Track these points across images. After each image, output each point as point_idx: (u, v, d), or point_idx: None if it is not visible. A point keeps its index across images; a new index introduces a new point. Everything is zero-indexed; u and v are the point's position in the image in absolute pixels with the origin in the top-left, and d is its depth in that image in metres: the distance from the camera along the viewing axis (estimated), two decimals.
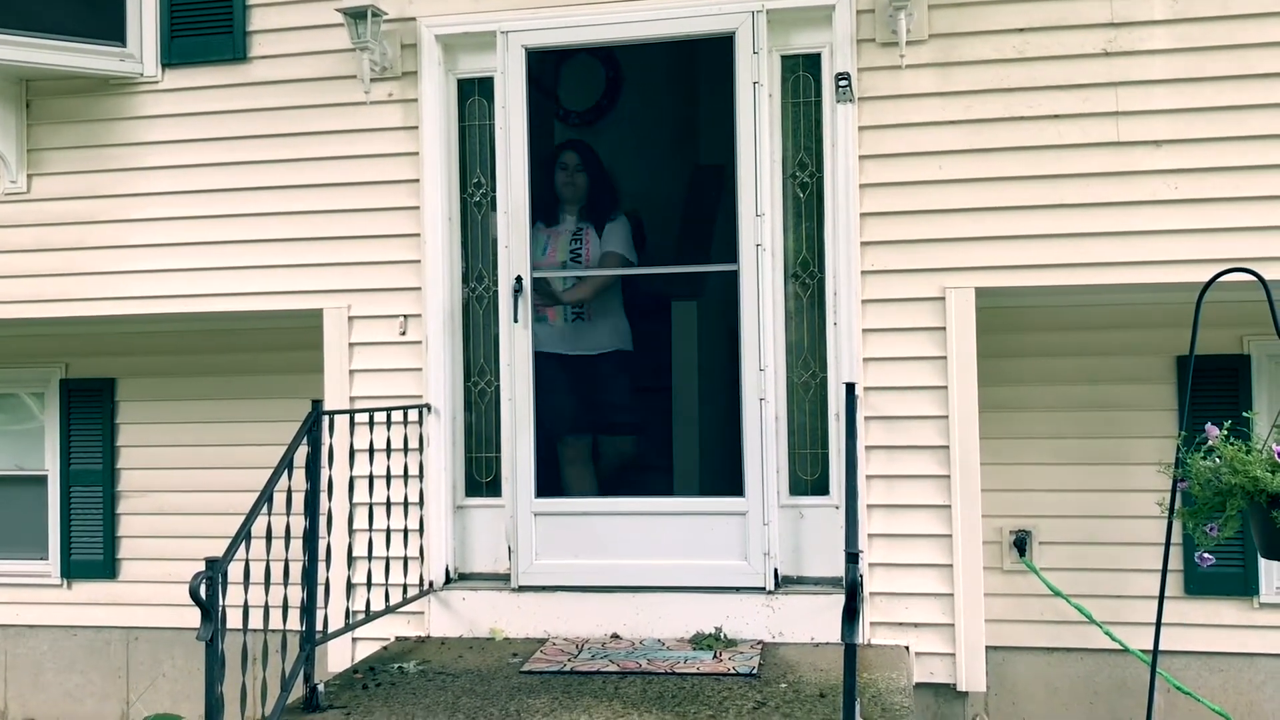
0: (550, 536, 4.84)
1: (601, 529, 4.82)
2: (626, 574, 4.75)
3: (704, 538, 4.71)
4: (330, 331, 5.12)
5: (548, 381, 5.02)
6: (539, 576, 4.81)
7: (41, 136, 5.47)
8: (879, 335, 4.66)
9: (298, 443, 4.04)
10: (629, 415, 5.59)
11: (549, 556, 4.83)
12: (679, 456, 5.69)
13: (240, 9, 5.26)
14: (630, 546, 4.78)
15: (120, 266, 5.34)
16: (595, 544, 4.82)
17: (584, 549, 4.82)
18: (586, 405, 5.43)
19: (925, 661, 4.60)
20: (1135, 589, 5.00)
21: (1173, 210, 4.48)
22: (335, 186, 5.12)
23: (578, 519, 4.86)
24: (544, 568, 4.82)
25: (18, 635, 6.19)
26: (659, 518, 4.78)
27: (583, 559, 4.80)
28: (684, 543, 4.73)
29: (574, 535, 4.83)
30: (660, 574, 4.73)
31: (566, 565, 4.81)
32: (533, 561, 4.82)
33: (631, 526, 4.80)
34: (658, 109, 7.59)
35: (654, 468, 5.67)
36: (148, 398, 6.08)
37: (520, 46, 4.80)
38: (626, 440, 5.60)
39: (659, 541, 4.76)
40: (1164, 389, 5.12)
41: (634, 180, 6.70)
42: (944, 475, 4.59)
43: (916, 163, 4.65)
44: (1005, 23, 4.60)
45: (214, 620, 3.43)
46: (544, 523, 4.85)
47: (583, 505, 4.96)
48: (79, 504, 6.11)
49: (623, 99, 7.74)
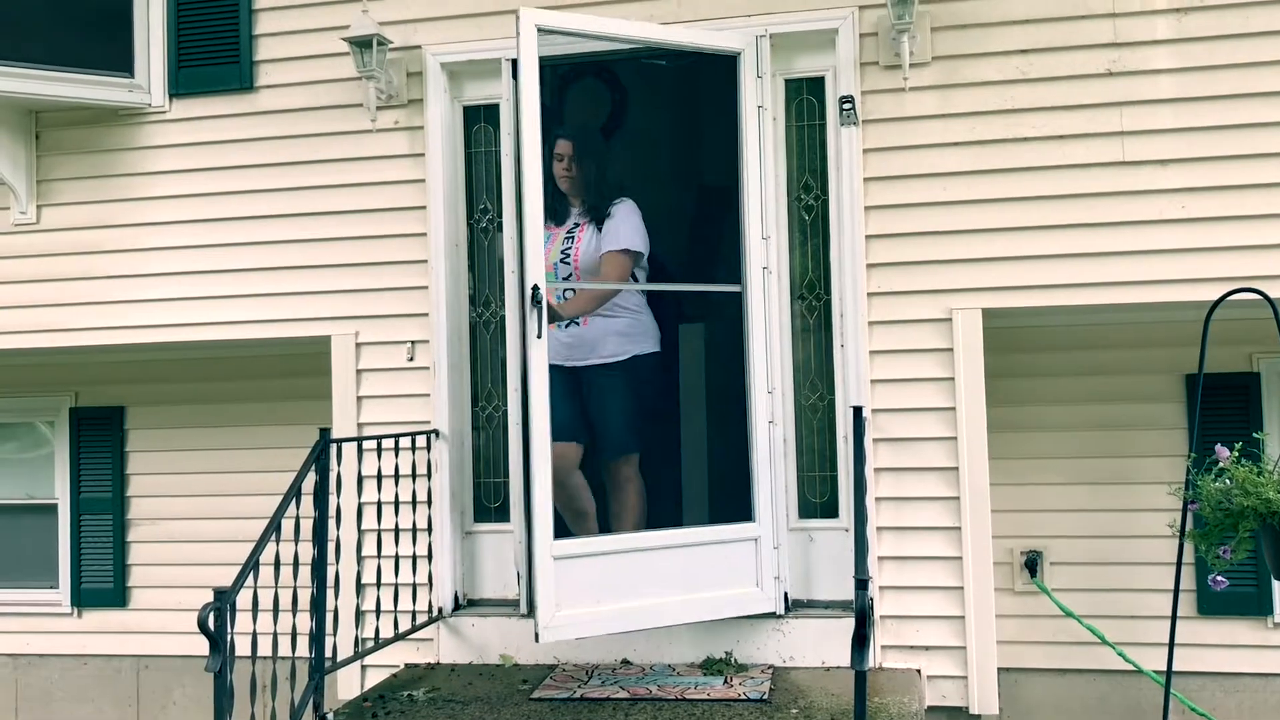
0: (571, 581, 4.36)
1: (621, 567, 4.49)
2: (644, 616, 4.45)
3: (717, 566, 4.56)
4: (338, 358, 5.13)
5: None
6: (563, 629, 4.33)
7: (51, 167, 5.51)
8: (886, 357, 4.65)
9: (306, 470, 4.05)
10: (638, 437, 5.02)
11: (571, 605, 4.33)
12: (690, 484, 5.61)
13: (247, 39, 5.29)
14: (648, 582, 4.49)
15: (129, 295, 5.36)
16: (616, 585, 4.44)
17: (606, 593, 4.41)
18: (587, 424, 4.91)
19: (937, 685, 4.57)
20: (1148, 609, 4.97)
21: (1180, 229, 4.47)
22: (342, 214, 5.14)
23: (598, 560, 4.44)
24: (567, 619, 4.32)
25: (29, 664, 6.20)
26: (678, 550, 4.55)
27: (605, 604, 4.39)
28: (697, 572, 4.56)
29: (595, 577, 4.40)
30: (676, 610, 4.50)
31: (591, 614, 4.37)
32: (554, 614, 4.29)
33: (651, 561, 4.51)
34: (663, 131, 7.61)
35: (665, 496, 5.61)
36: (157, 426, 6.09)
37: (532, 25, 4.39)
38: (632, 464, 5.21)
39: (676, 573, 4.52)
40: (1173, 408, 5.11)
41: (640, 202, 6.70)
42: (953, 497, 4.58)
43: (921, 184, 4.65)
44: (1008, 44, 4.61)
45: (222, 651, 3.43)
46: (564, 567, 4.36)
47: (602, 545, 4.52)
48: (89, 532, 6.12)
49: (628, 121, 7.76)
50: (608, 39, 4.65)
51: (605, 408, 4.88)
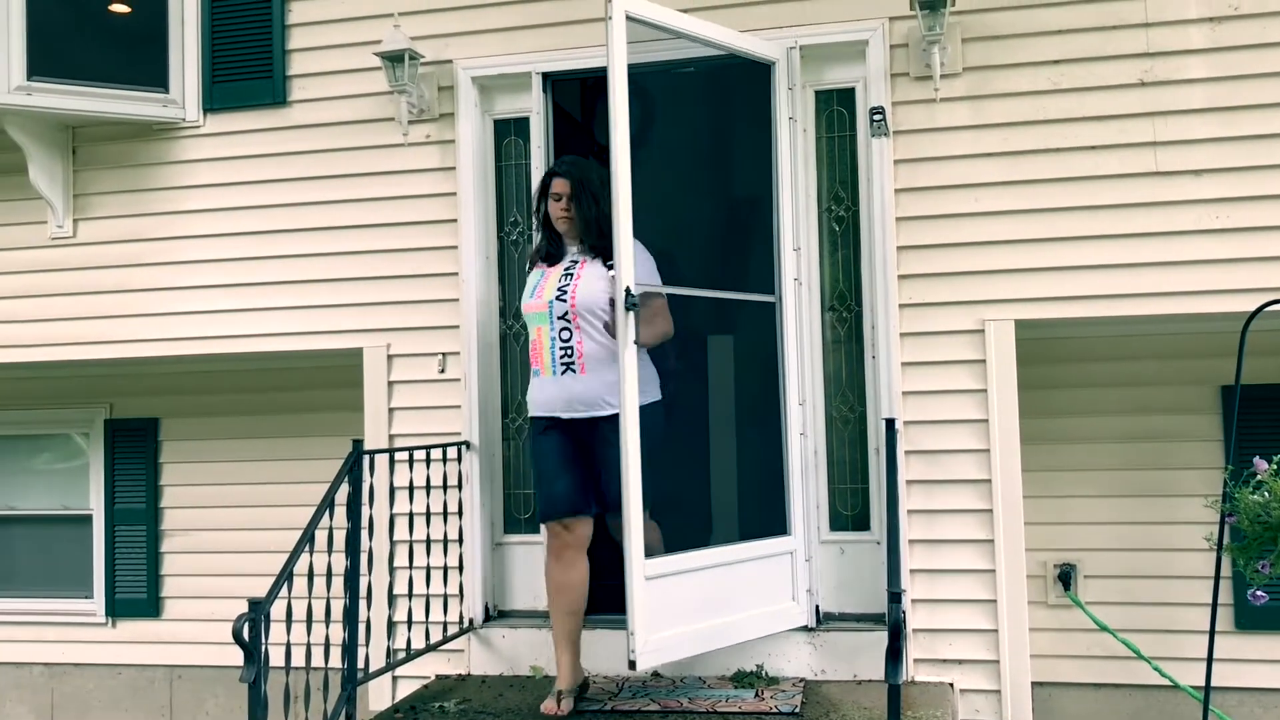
0: (664, 601, 4.08)
1: (707, 583, 4.28)
2: (720, 634, 4.29)
3: (758, 581, 4.45)
4: (370, 370, 5.16)
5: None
6: (659, 654, 4.07)
7: (87, 182, 5.58)
8: (918, 369, 4.63)
9: (339, 482, 4.07)
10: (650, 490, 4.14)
11: (665, 628, 4.08)
12: (745, 498, 5.46)
13: (280, 54, 5.35)
14: (726, 599, 4.35)
15: (163, 308, 5.42)
16: (705, 603, 4.25)
17: (694, 612, 4.21)
18: (592, 484, 4.30)
19: (970, 699, 4.53)
20: (1184, 624, 4.91)
21: (1215, 240, 4.43)
22: (374, 227, 5.17)
23: (687, 578, 4.18)
24: (661, 642, 4.06)
25: (64, 674, 6.25)
26: (745, 564, 4.43)
27: (694, 624, 4.17)
28: (745, 589, 4.44)
29: (685, 595, 4.17)
30: (743, 627, 4.40)
31: (680, 634, 4.14)
32: (648, 638, 3.98)
33: (732, 576, 4.35)
34: (691, 143, 7.62)
35: (697, 514, 5.50)
36: (190, 437, 6.15)
37: (623, 12, 4.08)
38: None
39: (743, 590, 4.40)
40: (1209, 419, 5.05)
41: (668, 213, 6.70)
42: (986, 509, 4.54)
43: (953, 195, 4.64)
44: (1040, 55, 4.59)
45: (257, 662, 3.44)
46: (656, 588, 4.04)
47: (694, 560, 4.24)
48: (123, 543, 6.17)
49: (656, 133, 7.77)
50: (691, 39, 4.50)
51: (577, 466, 4.25)
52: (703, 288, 5.39)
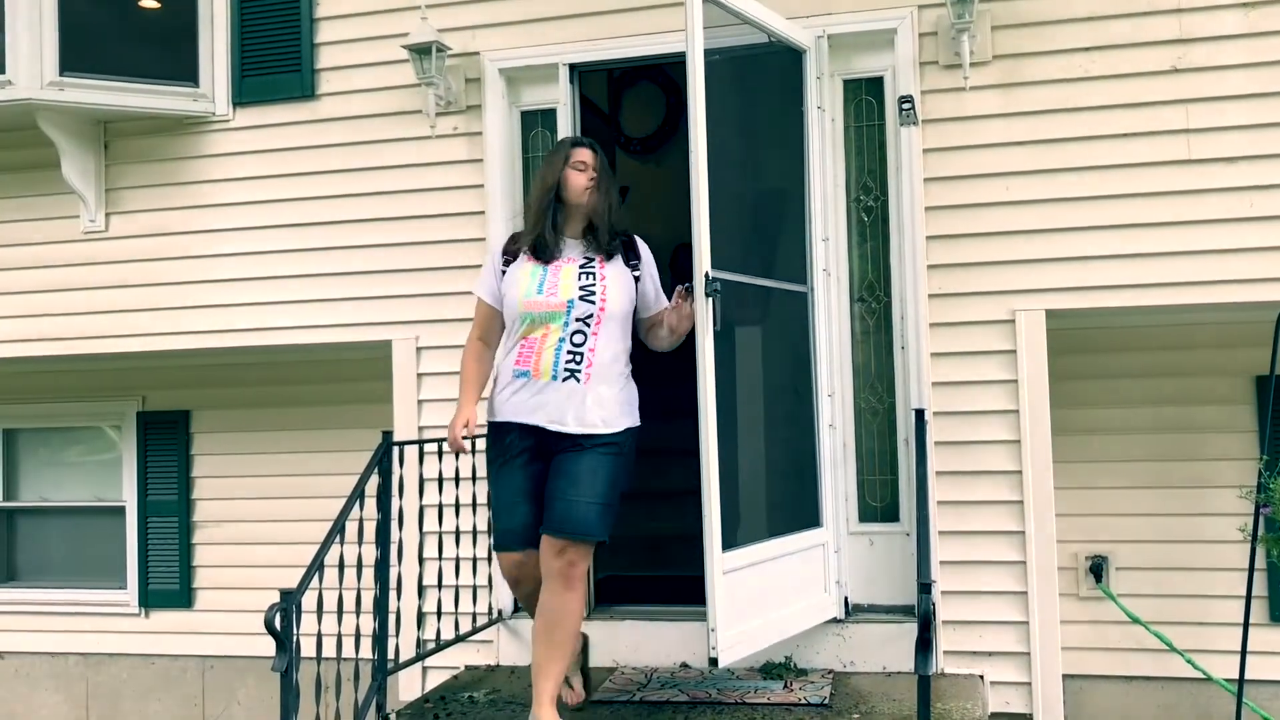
0: (738, 595, 4.06)
1: (769, 576, 4.26)
2: (777, 628, 4.30)
3: (795, 573, 4.43)
4: (399, 362, 5.18)
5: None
6: (736, 649, 4.03)
7: (119, 176, 5.62)
8: (947, 359, 4.60)
9: (369, 473, 4.09)
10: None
11: (740, 622, 4.06)
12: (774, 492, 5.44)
13: (308, 48, 5.37)
14: (784, 592, 4.33)
15: (194, 301, 5.46)
16: (768, 597, 4.25)
17: (762, 606, 4.20)
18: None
19: (1000, 691, 4.51)
20: (1217, 616, 4.87)
21: (1248, 228, 4.38)
22: (403, 220, 5.19)
23: (754, 570, 4.16)
24: (738, 636, 4.04)
25: (98, 663, 6.32)
26: (793, 557, 4.42)
27: (760, 618, 4.18)
28: (786, 582, 4.41)
29: (753, 590, 4.15)
30: (795, 619, 4.40)
31: (752, 630, 4.14)
32: (726, 632, 3.93)
33: (786, 569, 4.34)
34: (718, 134, 7.61)
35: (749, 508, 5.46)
36: (222, 429, 6.20)
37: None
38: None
39: (795, 582, 4.40)
40: (1243, 410, 5.00)
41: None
42: (1017, 501, 4.52)
43: (983, 184, 4.60)
44: (1071, 42, 4.55)
45: (289, 651, 3.47)
46: (733, 581, 3.99)
47: (761, 553, 4.22)
48: (156, 534, 6.23)
49: (683, 125, 7.77)
50: (745, 20, 4.42)
51: (577, 486, 3.63)
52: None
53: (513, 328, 3.77)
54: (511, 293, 3.74)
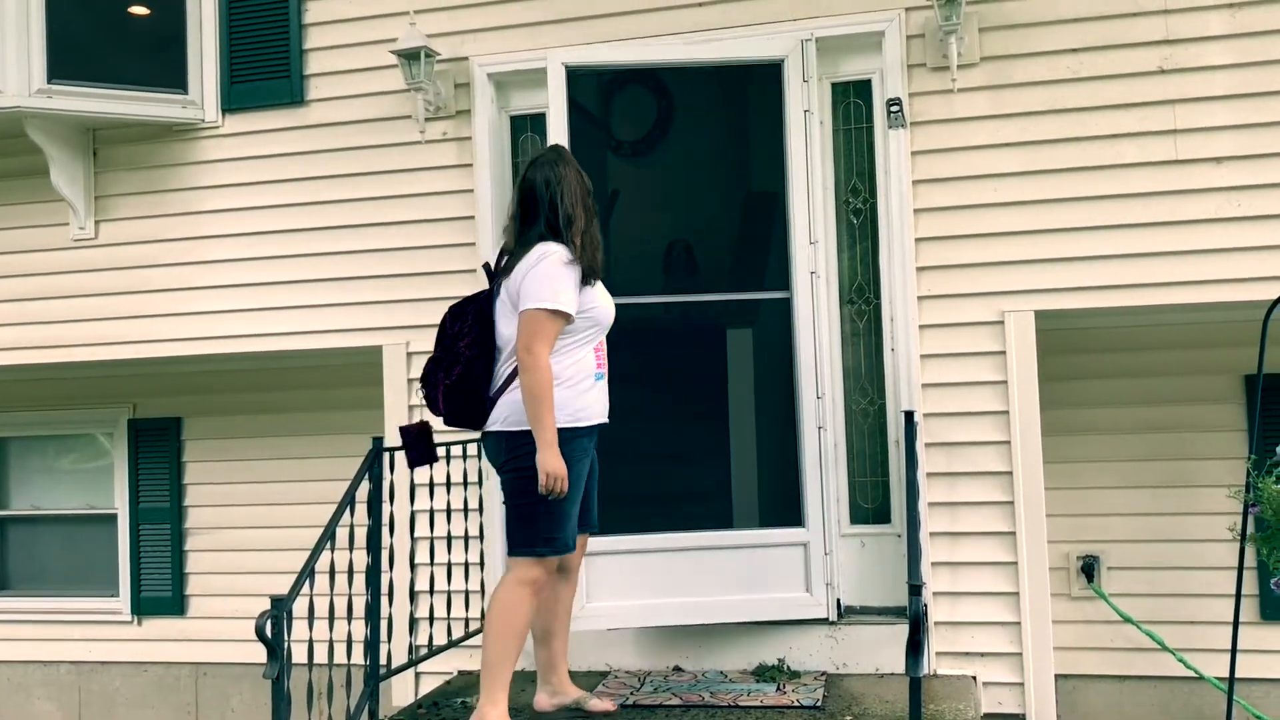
0: (604, 577, 4.55)
1: (659, 565, 4.62)
2: (685, 611, 4.60)
3: (765, 570, 4.62)
4: (390, 368, 5.18)
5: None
6: (594, 619, 4.55)
7: (108, 183, 5.62)
8: (937, 360, 4.61)
9: (360, 479, 4.09)
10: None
11: (603, 598, 4.56)
12: (737, 488, 5.60)
13: (297, 54, 5.37)
14: (690, 582, 4.62)
15: (185, 308, 5.45)
16: (654, 583, 4.60)
17: (639, 589, 4.57)
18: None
19: (993, 692, 4.52)
20: (1208, 615, 4.89)
21: (1236, 227, 4.40)
22: (393, 225, 5.19)
23: (633, 557, 4.59)
24: (597, 610, 4.55)
25: (91, 671, 6.31)
26: (719, 551, 4.65)
27: (635, 600, 4.57)
28: (745, 576, 4.63)
29: (631, 573, 4.58)
30: (721, 609, 4.59)
31: (623, 607, 4.57)
32: (583, 605, 4.49)
33: (690, 562, 4.62)
34: (709, 137, 7.59)
35: (713, 499, 5.59)
36: (213, 436, 6.19)
37: None
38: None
39: (719, 576, 4.63)
40: (1232, 409, 5.02)
41: (686, 208, 6.70)
42: (1007, 501, 4.53)
43: (972, 186, 4.62)
44: (1058, 43, 4.57)
45: (280, 658, 3.46)
46: (599, 564, 4.51)
47: (638, 543, 4.60)
48: (148, 541, 6.22)
49: (674, 128, 7.75)
50: (654, 66, 4.66)
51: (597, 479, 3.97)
52: (720, 280, 5.34)
53: (588, 336, 3.73)
54: (603, 303, 3.76)
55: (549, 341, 3.59)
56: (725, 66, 4.95)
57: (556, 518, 3.64)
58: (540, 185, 3.74)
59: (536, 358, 3.53)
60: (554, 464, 3.53)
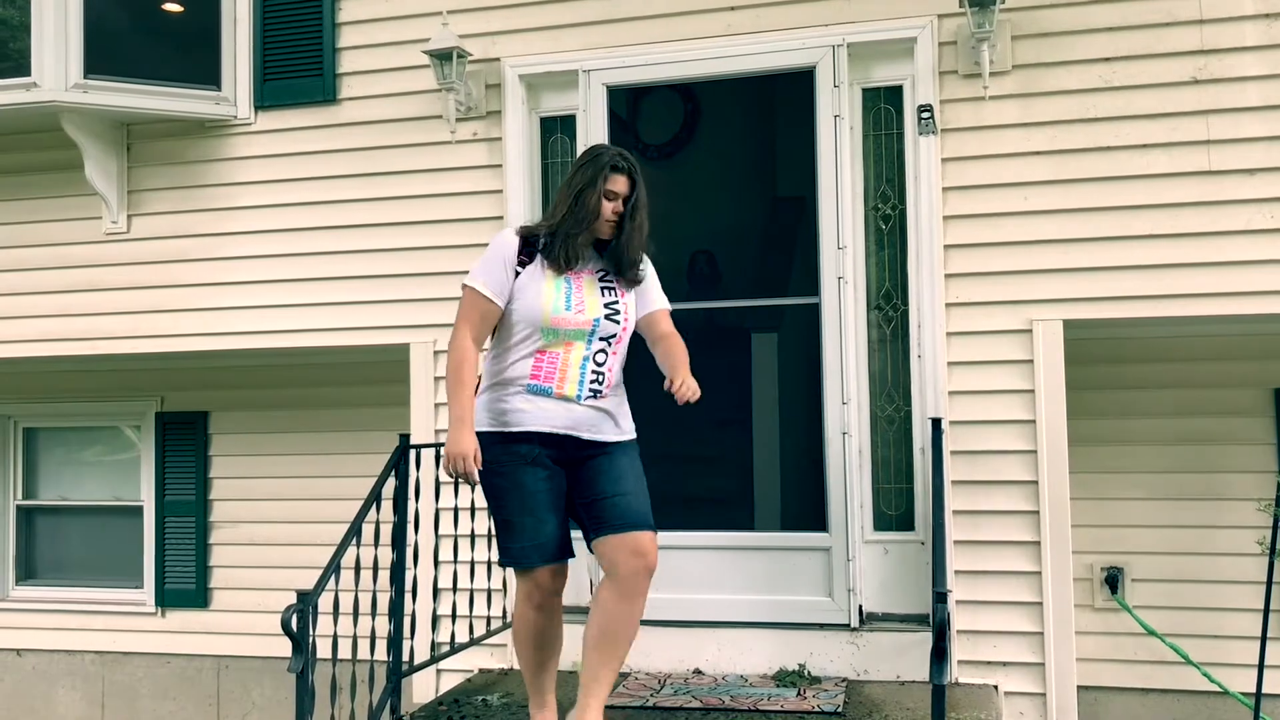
0: None
1: (680, 563, 4.72)
2: (705, 609, 4.68)
3: (787, 573, 4.65)
4: (417, 366, 5.20)
5: None
6: None
7: (141, 178, 5.66)
8: (964, 368, 4.60)
9: (385, 476, 4.11)
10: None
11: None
12: (760, 491, 5.63)
13: (330, 52, 5.40)
14: (711, 580, 4.70)
15: (214, 304, 5.49)
16: (675, 578, 4.65)
17: (665, 583, 4.47)
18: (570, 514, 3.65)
19: (1014, 701, 4.50)
20: (1234, 629, 4.85)
21: (1268, 239, 4.37)
22: (422, 224, 5.22)
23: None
24: None
25: (114, 662, 6.36)
26: (741, 552, 4.72)
27: (665, 593, 4.54)
28: (766, 578, 4.68)
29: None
30: (743, 609, 4.67)
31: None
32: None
33: (712, 559, 4.71)
34: (736, 141, 7.62)
35: (735, 502, 5.62)
36: (239, 430, 6.23)
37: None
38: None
39: (741, 576, 4.69)
40: (1261, 422, 4.98)
41: (713, 212, 6.72)
42: (1033, 511, 4.51)
43: (1001, 194, 4.60)
44: (1091, 52, 4.55)
45: (305, 652, 3.49)
46: None
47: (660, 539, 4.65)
48: (173, 534, 6.27)
49: (701, 132, 7.77)
50: (683, 80, 4.72)
51: (626, 481, 3.52)
52: (745, 285, 5.36)
53: (522, 335, 3.47)
54: (535, 303, 3.45)
55: (468, 320, 3.48)
56: (757, 74, 4.96)
57: (503, 527, 3.49)
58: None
59: (453, 335, 3.49)
60: (452, 444, 3.36)
